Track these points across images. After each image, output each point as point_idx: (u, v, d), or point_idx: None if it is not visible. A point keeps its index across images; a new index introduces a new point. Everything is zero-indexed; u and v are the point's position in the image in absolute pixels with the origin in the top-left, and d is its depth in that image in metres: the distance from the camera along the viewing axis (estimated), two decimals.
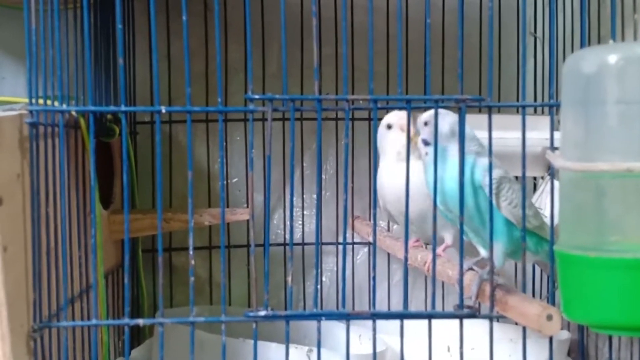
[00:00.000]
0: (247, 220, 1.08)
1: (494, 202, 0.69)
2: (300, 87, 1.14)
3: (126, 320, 0.65)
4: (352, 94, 0.76)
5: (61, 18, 0.72)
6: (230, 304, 1.14)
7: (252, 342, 0.65)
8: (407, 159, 0.66)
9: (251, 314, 0.65)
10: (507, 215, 0.71)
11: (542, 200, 0.95)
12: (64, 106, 0.68)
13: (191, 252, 0.66)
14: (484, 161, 0.71)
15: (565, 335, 1.00)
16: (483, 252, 0.76)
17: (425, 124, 0.75)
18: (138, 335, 1.06)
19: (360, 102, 0.68)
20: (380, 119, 0.91)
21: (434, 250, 0.72)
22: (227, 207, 1.12)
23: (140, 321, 0.67)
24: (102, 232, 0.89)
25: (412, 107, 0.67)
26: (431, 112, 0.70)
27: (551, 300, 0.69)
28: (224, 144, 1.16)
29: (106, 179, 1.02)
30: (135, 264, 1.07)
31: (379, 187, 0.90)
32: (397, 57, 0.66)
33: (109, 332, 0.87)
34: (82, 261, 0.77)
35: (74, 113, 0.76)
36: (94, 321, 0.66)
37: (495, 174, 0.70)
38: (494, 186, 0.69)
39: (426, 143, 0.75)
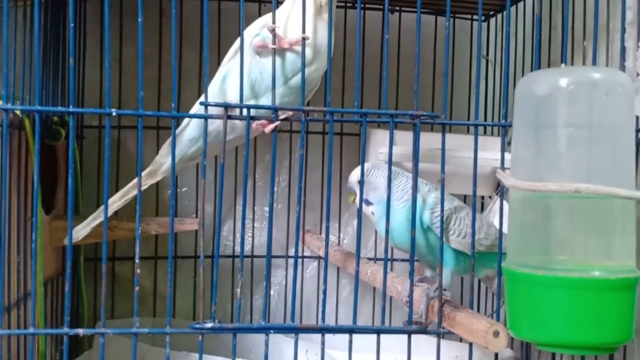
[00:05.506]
0: (195, 231, 1.06)
1: (443, 238, 0.69)
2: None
3: (65, 329, 0.63)
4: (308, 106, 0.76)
5: (10, 15, 0.69)
6: (174, 316, 1.11)
7: (196, 355, 0.64)
8: (361, 177, 0.66)
9: (197, 325, 0.64)
10: (458, 247, 0.72)
11: (490, 219, 0.96)
12: (9, 105, 0.66)
13: (137, 261, 0.64)
14: (431, 200, 0.72)
15: (508, 353, 1.01)
16: (429, 272, 0.77)
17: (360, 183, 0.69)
18: (77, 347, 1.02)
19: (316, 114, 0.67)
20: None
21: (385, 265, 0.72)
22: (176, 216, 1.09)
23: (81, 331, 0.64)
24: (42, 237, 0.86)
25: (367, 121, 0.67)
26: (363, 169, 0.68)
27: (497, 317, 0.70)
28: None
29: (49, 183, 0.98)
30: (77, 272, 1.03)
31: None
32: (356, 70, 0.66)
33: (47, 342, 0.83)
34: (20, 267, 0.73)
35: (18, 112, 0.73)
36: (31, 330, 0.63)
37: (443, 208, 0.70)
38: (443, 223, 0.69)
39: (368, 203, 0.74)
